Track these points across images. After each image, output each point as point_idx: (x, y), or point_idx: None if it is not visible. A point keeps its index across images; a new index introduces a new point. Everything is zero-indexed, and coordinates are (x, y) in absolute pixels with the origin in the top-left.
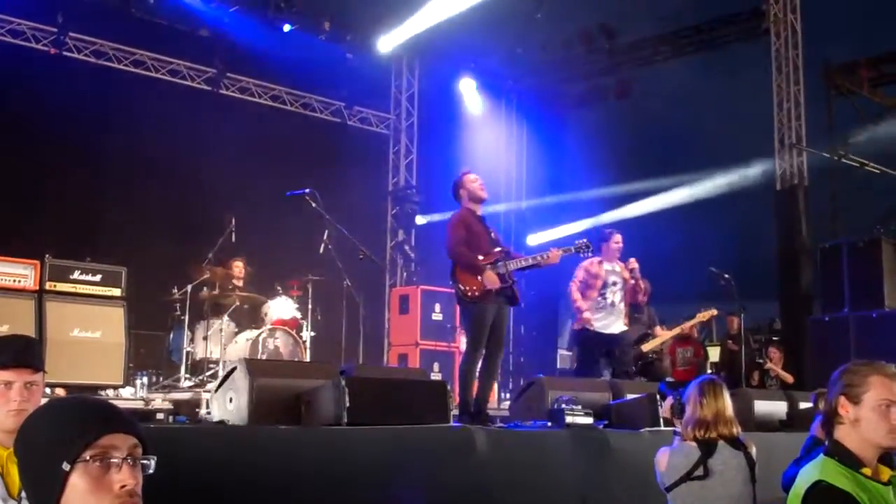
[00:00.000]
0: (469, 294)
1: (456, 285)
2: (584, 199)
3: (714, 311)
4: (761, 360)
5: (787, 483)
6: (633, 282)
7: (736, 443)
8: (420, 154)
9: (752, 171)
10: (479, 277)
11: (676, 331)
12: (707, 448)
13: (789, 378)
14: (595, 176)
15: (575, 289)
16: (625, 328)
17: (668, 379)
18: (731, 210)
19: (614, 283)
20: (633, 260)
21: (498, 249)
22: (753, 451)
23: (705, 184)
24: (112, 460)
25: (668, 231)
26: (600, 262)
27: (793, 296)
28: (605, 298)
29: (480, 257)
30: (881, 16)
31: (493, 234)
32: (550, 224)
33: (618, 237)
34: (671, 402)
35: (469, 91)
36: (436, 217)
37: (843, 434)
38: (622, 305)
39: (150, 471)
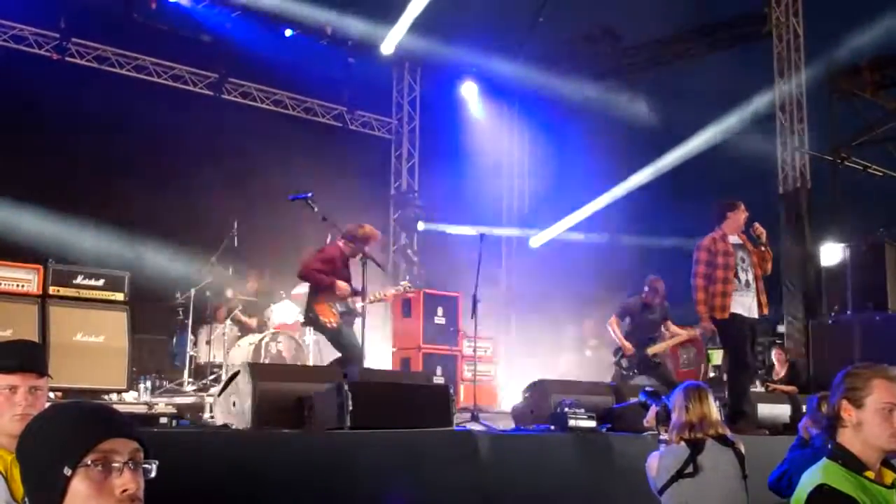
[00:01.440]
0: (329, 325)
1: (316, 320)
2: (585, 199)
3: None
4: (767, 378)
5: (773, 483)
6: (761, 250)
7: (724, 440)
8: (422, 158)
9: (755, 174)
10: (334, 295)
11: (683, 336)
12: (695, 446)
13: (793, 391)
14: (597, 177)
15: (700, 278)
16: (760, 313)
17: (648, 388)
18: None
19: (743, 260)
20: (757, 225)
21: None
22: (742, 447)
23: (709, 185)
24: (113, 465)
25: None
26: (724, 237)
27: (796, 299)
28: (738, 280)
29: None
30: (884, 18)
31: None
32: (553, 224)
33: (743, 206)
34: (655, 410)
35: (471, 95)
36: (439, 227)
37: (845, 437)
38: (755, 284)
39: (152, 475)
